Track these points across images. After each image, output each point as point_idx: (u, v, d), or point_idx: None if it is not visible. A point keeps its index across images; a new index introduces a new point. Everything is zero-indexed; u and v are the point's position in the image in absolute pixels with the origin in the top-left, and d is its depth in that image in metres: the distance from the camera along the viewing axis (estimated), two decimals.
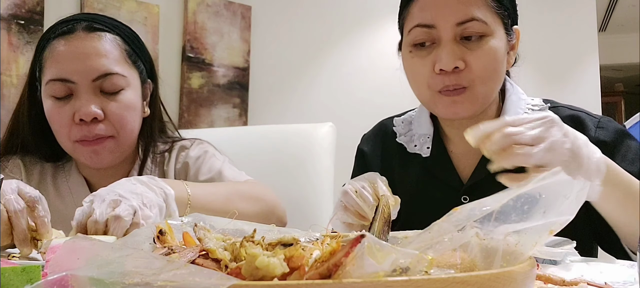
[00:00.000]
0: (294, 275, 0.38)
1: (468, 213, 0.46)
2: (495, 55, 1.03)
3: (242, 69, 3.39)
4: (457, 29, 1.01)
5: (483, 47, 1.02)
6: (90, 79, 1.12)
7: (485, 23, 1.02)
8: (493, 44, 1.03)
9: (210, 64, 3.27)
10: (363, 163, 1.26)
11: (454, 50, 1.01)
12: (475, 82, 1.03)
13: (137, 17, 2.91)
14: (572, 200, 0.46)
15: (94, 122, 1.12)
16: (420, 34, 1.04)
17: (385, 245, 0.38)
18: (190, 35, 3.20)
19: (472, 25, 1.01)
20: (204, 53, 3.25)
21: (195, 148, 1.30)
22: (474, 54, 1.02)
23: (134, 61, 1.20)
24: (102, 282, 0.37)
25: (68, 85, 1.12)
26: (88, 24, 1.17)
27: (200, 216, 0.63)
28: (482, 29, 1.02)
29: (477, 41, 1.02)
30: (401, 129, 1.22)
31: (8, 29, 2.56)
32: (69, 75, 1.11)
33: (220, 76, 3.31)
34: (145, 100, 1.24)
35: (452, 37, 1.02)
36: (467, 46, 1.02)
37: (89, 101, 1.11)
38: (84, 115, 1.10)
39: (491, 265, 0.45)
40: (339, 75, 3.66)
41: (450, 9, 1.01)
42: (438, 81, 1.03)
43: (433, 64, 1.03)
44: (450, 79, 1.02)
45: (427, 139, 1.17)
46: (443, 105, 1.05)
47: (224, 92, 3.32)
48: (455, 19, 1.01)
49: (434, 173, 1.14)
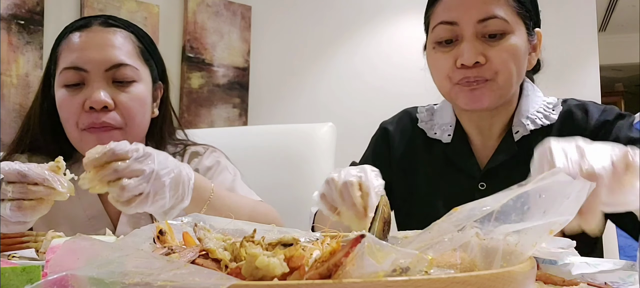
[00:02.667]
0: (294, 275, 0.38)
1: (468, 213, 0.46)
2: (515, 52, 1.07)
3: (242, 69, 3.39)
4: (479, 26, 1.05)
5: (504, 43, 1.06)
6: (102, 68, 1.13)
7: (506, 21, 1.06)
8: (513, 41, 1.07)
9: (210, 64, 3.27)
10: (385, 142, 1.27)
11: (475, 46, 1.05)
12: (497, 75, 1.06)
13: (137, 17, 2.91)
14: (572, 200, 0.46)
15: (104, 111, 1.12)
16: (443, 31, 1.09)
17: (385, 245, 0.38)
18: (190, 35, 3.20)
19: (493, 23, 1.05)
20: (204, 53, 3.25)
21: (209, 157, 1.28)
22: (494, 49, 1.06)
23: (146, 59, 1.21)
24: (102, 282, 0.37)
25: (81, 74, 1.13)
26: (104, 20, 1.19)
27: (200, 216, 0.63)
28: (502, 27, 1.06)
29: (498, 38, 1.06)
30: (423, 116, 1.26)
31: (8, 29, 2.56)
32: (82, 63, 1.12)
33: (220, 76, 3.31)
34: (155, 101, 1.24)
35: (474, 33, 1.06)
36: (489, 43, 1.06)
37: (100, 89, 1.11)
38: (94, 102, 1.10)
39: (491, 265, 0.45)
40: (339, 75, 3.66)
41: (473, 7, 1.06)
42: (459, 74, 1.07)
43: (455, 59, 1.07)
44: (472, 71, 1.06)
45: (448, 127, 1.20)
46: (463, 95, 1.08)
47: (224, 92, 3.32)
48: (477, 17, 1.05)
49: (453, 160, 1.17)
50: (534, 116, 1.13)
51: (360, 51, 3.70)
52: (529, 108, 1.14)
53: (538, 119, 1.13)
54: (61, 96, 1.14)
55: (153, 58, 1.23)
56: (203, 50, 3.25)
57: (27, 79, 2.59)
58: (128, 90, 1.15)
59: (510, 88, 1.09)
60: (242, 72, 3.39)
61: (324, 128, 1.58)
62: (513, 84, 1.09)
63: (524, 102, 1.15)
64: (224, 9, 3.33)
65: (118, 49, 1.15)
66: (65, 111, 1.14)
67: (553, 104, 1.16)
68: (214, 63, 3.29)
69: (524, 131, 1.12)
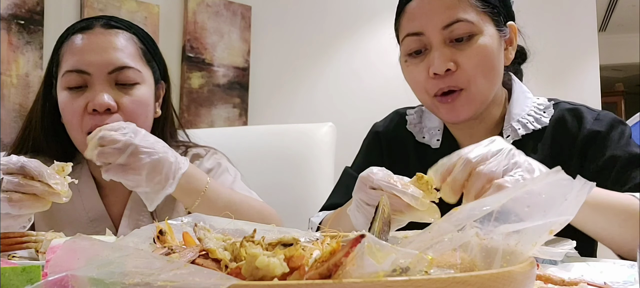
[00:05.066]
0: (294, 275, 0.38)
1: (468, 213, 0.46)
2: (486, 52, 1.05)
3: (242, 69, 3.39)
4: (445, 32, 1.04)
5: (472, 46, 1.04)
6: (105, 71, 1.13)
7: (472, 22, 1.04)
8: (482, 41, 1.05)
9: (210, 64, 3.27)
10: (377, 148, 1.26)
11: (444, 53, 1.04)
12: (470, 82, 1.05)
13: (137, 17, 2.91)
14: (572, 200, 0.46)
15: (107, 113, 1.12)
16: (411, 43, 1.08)
17: (385, 245, 0.38)
18: (190, 35, 3.20)
19: (458, 27, 1.03)
20: (204, 53, 3.25)
21: (210, 159, 1.28)
22: (464, 54, 1.04)
23: (149, 60, 1.21)
24: (102, 282, 0.37)
25: (83, 77, 1.13)
26: (106, 22, 1.19)
27: (200, 216, 0.63)
28: (469, 29, 1.04)
29: (466, 42, 1.04)
30: (412, 118, 1.25)
31: (8, 29, 2.56)
32: (85, 66, 1.13)
33: (220, 76, 3.31)
34: (158, 101, 1.25)
35: (441, 40, 1.04)
36: (458, 47, 1.04)
37: (103, 92, 1.12)
38: (97, 105, 1.11)
39: (491, 265, 0.44)
40: (339, 75, 3.66)
41: (435, 15, 1.04)
42: (433, 85, 1.06)
43: (427, 69, 1.06)
44: (444, 81, 1.05)
45: (437, 131, 1.19)
46: (444, 110, 1.08)
47: (224, 92, 3.32)
48: (441, 23, 1.04)
49: None
50: (525, 120, 1.12)
51: (360, 51, 3.70)
52: (519, 111, 1.12)
53: (529, 122, 1.11)
54: (64, 99, 1.14)
55: (155, 59, 1.23)
56: (203, 50, 3.25)
57: (27, 79, 2.59)
58: (131, 92, 1.15)
59: (488, 92, 1.08)
60: (242, 72, 3.39)
61: (324, 128, 1.59)
62: (491, 87, 1.08)
63: (514, 105, 1.13)
64: (224, 9, 3.33)
65: (120, 51, 1.15)
66: (68, 114, 1.15)
67: (544, 106, 1.14)
68: (214, 63, 3.28)
69: (516, 136, 1.11)
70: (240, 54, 3.39)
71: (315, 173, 1.53)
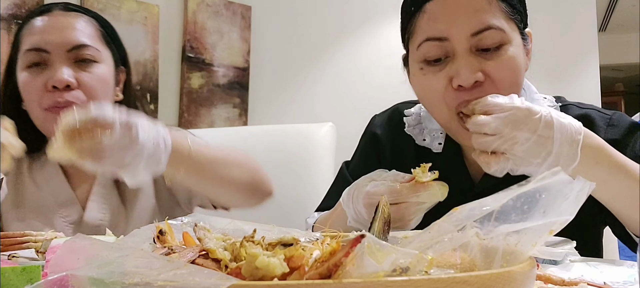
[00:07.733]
0: (294, 275, 0.38)
1: (468, 213, 0.46)
2: (515, 65, 0.93)
3: (242, 69, 3.39)
4: (473, 40, 0.91)
5: (502, 56, 0.92)
6: (64, 49, 1.14)
7: (503, 30, 0.92)
8: (512, 52, 0.93)
9: (210, 64, 3.27)
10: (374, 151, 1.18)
11: (471, 63, 0.91)
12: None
13: (137, 17, 2.91)
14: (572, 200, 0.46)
15: (66, 90, 1.12)
16: (431, 49, 0.94)
17: (385, 245, 0.38)
18: (190, 35, 3.20)
19: (488, 35, 0.91)
20: (204, 53, 3.25)
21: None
22: (493, 64, 0.92)
23: (108, 42, 1.22)
24: (102, 282, 0.37)
25: (42, 55, 1.14)
26: (64, 5, 1.21)
27: (200, 216, 0.63)
28: (499, 38, 0.91)
29: (494, 51, 0.92)
30: (411, 120, 1.14)
31: (8, 29, 2.56)
32: (44, 44, 1.14)
33: (220, 76, 3.31)
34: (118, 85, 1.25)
35: (468, 49, 0.91)
36: (485, 57, 0.92)
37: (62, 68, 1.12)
38: (56, 81, 1.11)
39: (491, 265, 0.45)
40: (338, 75, 3.66)
41: (464, 19, 0.91)
42: (455, 97, 0.92)
43: (448, 79, 0.93)
44: (471, 93, 0.90)
45: (439, 134, 1.08)
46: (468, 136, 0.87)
47: (224, 92, 3.32)
48: (470, 29, 0.91)
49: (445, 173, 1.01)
50: None
51: (360, 51, 3.71)
52: None
53: None
54: (23, 78, 1.15)
55: (114, 42, 1.25)
56: (203, 50, 3.25)
57: None
58: (90, 70, 1.16)
59: None
60: (242, 72, 3.39)
61: (323, 128, 1.59)
62: None
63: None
64: (224, 9, 3.33)
65: (79, 31, 1.17)
66: (28, 92, 1.15)
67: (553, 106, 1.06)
68: (214, 63, 3.29)
69: None
70: (240, 54, 3.39)
71: (315, 174, 1.53)
